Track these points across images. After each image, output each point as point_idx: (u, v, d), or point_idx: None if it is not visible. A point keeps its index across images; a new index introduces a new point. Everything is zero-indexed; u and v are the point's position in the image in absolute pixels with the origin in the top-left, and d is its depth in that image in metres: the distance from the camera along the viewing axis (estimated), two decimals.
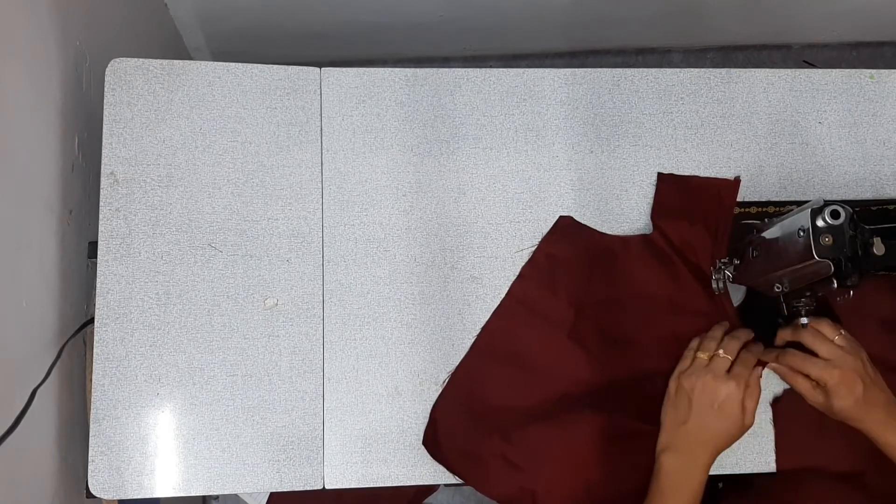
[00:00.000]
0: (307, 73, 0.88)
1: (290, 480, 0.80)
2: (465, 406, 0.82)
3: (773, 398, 0.85)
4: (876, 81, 0.93)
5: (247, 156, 0.85)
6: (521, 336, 0.84)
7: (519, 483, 0.80)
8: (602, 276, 0.85)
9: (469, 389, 0.82)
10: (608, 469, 0.80)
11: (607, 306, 0.85)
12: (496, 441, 0.80)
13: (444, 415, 0.82)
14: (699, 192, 0.87)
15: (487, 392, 0.82)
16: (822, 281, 0.72)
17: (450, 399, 0.82)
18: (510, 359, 0.83)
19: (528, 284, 0.85)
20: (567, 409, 0.82)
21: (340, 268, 0.84)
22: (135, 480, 0.78)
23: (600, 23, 1.56)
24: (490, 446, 0.80)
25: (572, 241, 0.86)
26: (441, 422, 0.81)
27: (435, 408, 0.82)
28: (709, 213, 0.86)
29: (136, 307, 0.81)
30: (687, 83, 0.92)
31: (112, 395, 0.79)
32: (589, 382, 0.83)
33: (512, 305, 0.84)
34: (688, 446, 0.76)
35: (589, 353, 0.83)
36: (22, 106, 0.77)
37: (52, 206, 0.84)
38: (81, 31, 0.92)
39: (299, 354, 0.82)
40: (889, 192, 0.91)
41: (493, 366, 0.83)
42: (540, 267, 0.85)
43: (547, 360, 0.83)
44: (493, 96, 0.89)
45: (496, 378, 0.83)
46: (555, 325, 0.84)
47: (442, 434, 0.81)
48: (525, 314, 0.84)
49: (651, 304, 0.85)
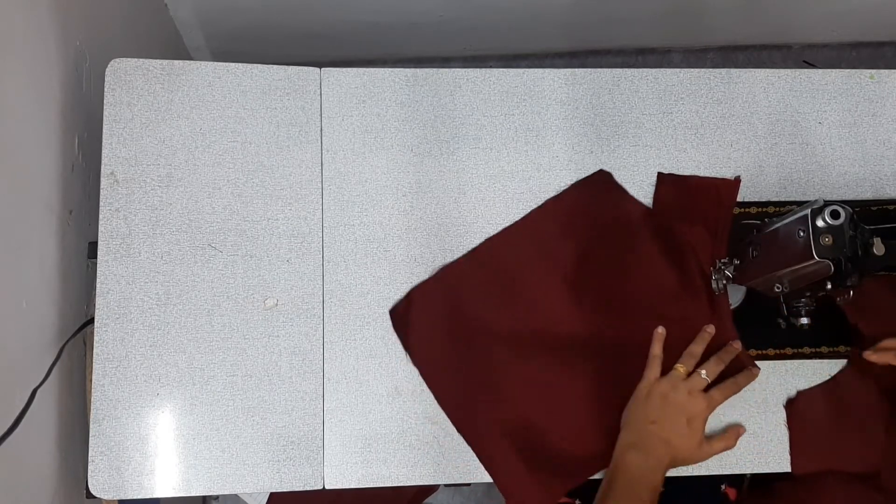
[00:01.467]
0: (307, 73, 0.88)
1: (290, 480, 0.80)
2: (443, 302, 0.83)
3: (786, 400, 0.85)
4: (876, 81, 0.93)
5: (247, 156, 0.85)
6: (519, 262, 0.84)
7: (467, 396, 0.81)
8: (617, 238, 0.86)
9: (453, 289, 0.83)
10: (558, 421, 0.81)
11: (611, 268, 0.85)
12: (460, 349, 0.82)
13: (422, 299, 0.83)
14: (699, 192, 0.87)
15: (468, 299, 0.83)
16: (822, 281, 0.72)
17: (432, 288, 0.83)
18: (500, 277, 0.84)
19: (545, 219, 0.86)
20: (534, 348, 0.82)
21: (340, 268, 0.84)
22: (135, 480, 0.78)
23: (600, 23, 1.56)
24: (452, 353, 0.82)
25: (602, 196, 0.87)
26: (416, 304, 0.83)
27: (416, 288, 0.83)
28: (708, 213, 0.86)
29: (136, 307, 0.81)
30: (687, 83, 0.92)
31: (112, 395, 0.79)
32: (566, 332, 0.83)
33: (523, 231, 0.85)
34: (653, 446, 0.77)
35: (577, 304, 0.84)
36: (22, 106, 0.77)
37: (52, 207, 0.84)
38: (81, 31, 0.92)
39: (299, 354, 0.82)
40: (889, 192, 0.91)
41: (482, 277, 0.84)
42: (562, 207, 0.86)
43: (534, 294, 0.84)
44: (493, 96, 0.89)
45: (481, 290, 0.84)
46: (554, 265, 0.85)
47: (413, 317, 0.82)
48: (531, 243, 0.85)
49: (652, 283, 0.85)
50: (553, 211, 0.86)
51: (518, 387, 0.82)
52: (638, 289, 0.85)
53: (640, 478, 0.76)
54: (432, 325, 0.82)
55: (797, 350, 0.85)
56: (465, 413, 0.81)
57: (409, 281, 0.84)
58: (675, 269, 0.85)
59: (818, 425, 0.83)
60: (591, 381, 0.82)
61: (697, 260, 0.85)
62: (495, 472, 0.81)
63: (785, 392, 0.85)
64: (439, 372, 0.82)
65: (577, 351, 0.83)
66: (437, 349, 0.82)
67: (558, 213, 0.86)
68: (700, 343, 0.82)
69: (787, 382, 0.85)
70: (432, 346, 0.82)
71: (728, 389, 0.80)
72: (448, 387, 0.82)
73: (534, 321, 0.83)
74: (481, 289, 0.84)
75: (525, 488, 0.80)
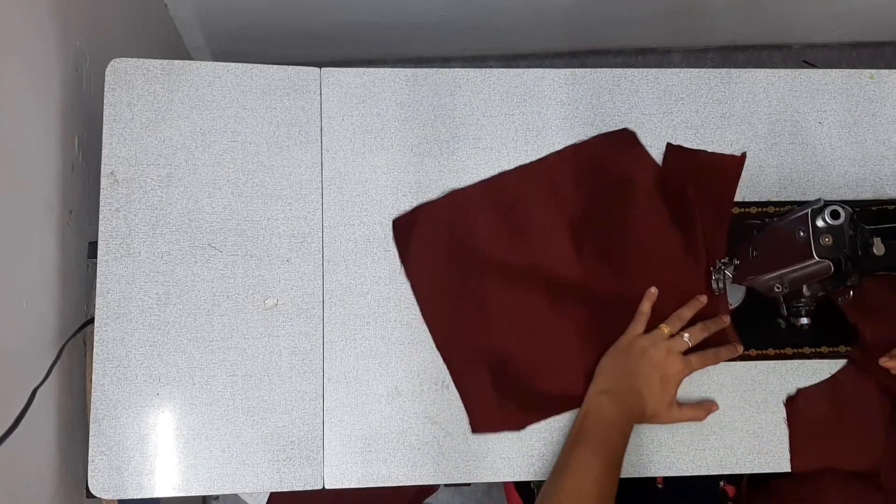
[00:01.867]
0: (307, 73, 0.88)
1: (290, 480, 0.80)
2: (447, 224, 0.84)
3: (786, 397, 0.85)
4: (876, 81, 0.93)
5: (247, 156, 0.85)
6: (529, 201, 0.86)
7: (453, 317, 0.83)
8: (628, 195, 0.87)
9: (459, 213, 0.85)
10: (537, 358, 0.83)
11: (617, 223, 0.86)
12: (455, 272, 0.83)
13: (427, 217, 0.84)
14: (705, 167, 0.88)
15: (472, 227, 0.85)
16: (822, 281, 0.72)
17: (439, 209, 0.85)
18: (507, 211, 0.85)
19: (563, 164, 0.87)
20: (528, 286, 0.84)
21: (340, 268, 0.84)
22: (135, 480, 0.78)
23: (600, 23, 1.56)
24: (446, 274, 0.83)
25: (622, 153, 0.88)
26: (420, 221, 0.84)
27: (422, 206, 0.85)
28: (713, 187, 0.87)
29: (136, 307, 0.81)
30: (687, 83, 0.92)
31: (112, 395, 0.79)
32: (561, 275, 0.84)
33: (537, 171, 0.86)
34: (626, 396, 0.78)
35: (577, 251, 0.85)
36: (22, 106, 0.77)
37: (52, 206, 0.84)
38: (81, 31, 0.92)
39: (299, 354, 0.82)
40: (889, 192, 0.91)
41: (490, 208, 0.85)
42: (581, 157, 0.87)
43: (537, 234, 0.85)
44: (493, 96, 0.89)
45: (487, 220, 0.85)
46: (562, 210, 0.86)
47: (416, 232, 0.84)
48: (543, 185, 0.86)
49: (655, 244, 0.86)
50: (572, 159, 0.87)
51: (505, 319, 0.83)
52: (640, 247, 0.86)
53: (610, 421, 0.77)
54: (432, 243, 0.84)
55: (797, 350, 0.85)
56: (447, 332, 0.83)
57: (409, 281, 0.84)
58: (680, 234, 0.86)
59: (818, 423, 0.83)
60: (576, 326, 0.83)
61: (703, 229, 0.85)
62: (464, 391, 0.82)
63: (785, 392, 0.85)
64: (430, 289, 0.83)
65: (568, 295, 0.84)
66: (433, 267, 0.84)
67: (576, 162, 0.87)
68: (690, 308, 0.83)
69: (787, 382, 0.85)
70: (429, 263, 0.84)
71: (708, 358, 0.80)
72: (436, 305, 0.83)
73: (532, 260, 0.85)
74: (487, 219, 0.85)
75: (489, 412, 0.81)
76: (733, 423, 0.84)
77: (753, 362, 0.85)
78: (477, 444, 0.82)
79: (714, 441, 0.84)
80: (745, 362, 0.85)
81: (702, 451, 0.83)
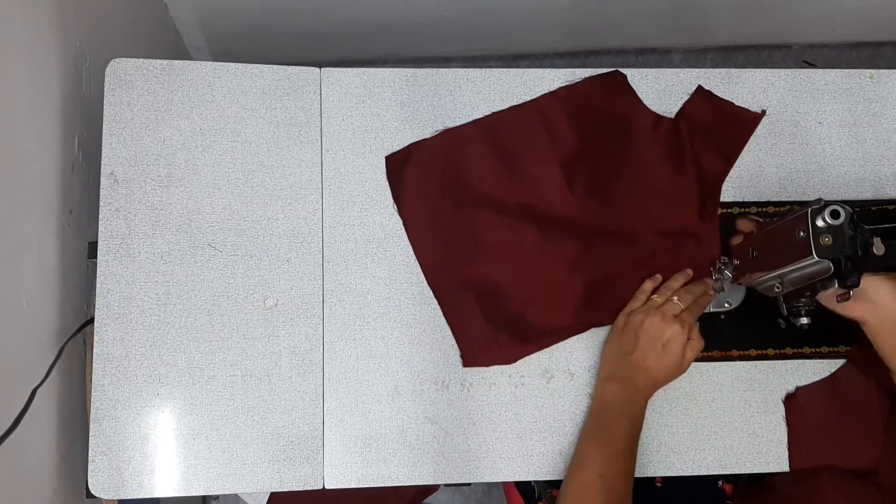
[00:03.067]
0: (307, 73, 0.88)
1: (290, 480, 0.80)
2: (440, 161, 0.85)
3: (785, 395, 0.85)
4: (876, 81, 0.93)
5: (247, 156, 0.85)
6: (521, 139, 0.87)
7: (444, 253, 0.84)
8: (620, 135, 0.88)
9: (452, 151, 0.86)
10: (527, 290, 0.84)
11: (608, 162, 0.87)
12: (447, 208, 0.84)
13: (420, 154, 0.85)
14: (726, 114, 0.90)
15: (465, 164, 0.86)
16: (822, 281, 0.72)
17: (433, 146, 0.86)
18: (500, 149, 0.86)
19: (555, 103, 0.88)
20: (519, 220, 0.85)
21: (340, 268, 0.84)
22: (135, 480, 0.78)
23: (600, 23, 1.56)
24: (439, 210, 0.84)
25: (614, 95, 0.89)
26: (414, 158, 0.85)
27: (416, 143, 0.86)
28: (727, 136, 0.89)
29: (136, 307, 0.81)
30: (687, 83, 0.92)
31: (112, 395, 0.79)
32: (552, 211, 0.86)
33: (531, 110, 0.87)
34: (630, 376, 0.79)
35: (569, 187, 0.86)
36: (22, 106, 0.77)
37: (52, 206, 0.84)
38: (81, 31, 0.92)
39: (299, 354, 0.82)
40: (889, 192, 0.91)
41: (482, 146, 0.86)
42: (574, 96, 0.88)
43: (529, 171, 0.86)
44: (493, 96, 0.89)
45: (479, 157, 0.86)
46: (555, 148, 0.87)
47: (409, 169, 0.85)
48: (536, 124, 0.87)
49: (646, 185, 0.87)
50: (565, 98, 0.88)
51: (497, 253, 0.84)
52: (630, 187, 0.87)
53: (618, 408, 0.78)
54: (425, 179, 0.85)
55: (797, 350, 0.86)
56: (438, 268, 0.84)
57: (409, 281, 0.84)
58: (673, 177, 0.87)
59: (817, 421, 0.83)
60: (567, 259, 0.84)
61: (701, 174, 0.87)
62: (455, 324, 0.83)
63: (785, 392, 0.85)
64: (422, 224, 0.84)
65: (560, 230, 0.85)
66: (426, 202, 0.85)
67: (570, 100, 0.88)
68: (678, 279, 0.84)
69: (787, 382, 0.85)
70: (421, 198, 0.85)
71: (694, 309, 0.81)
72: (428, 241, 0.84)
73: (524, 196, 0.86)
74: (480, 156, 0.86)
75: (481, 344, 0.83)
76: (733, 423, 0.84)
77: (753, 362, 0.85)
78: (477, 444, 0.82)
79: (714, 441, 0.84)
80: (745, 362, 0.85)
81: (702, 451, 0.83)
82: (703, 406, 0.84)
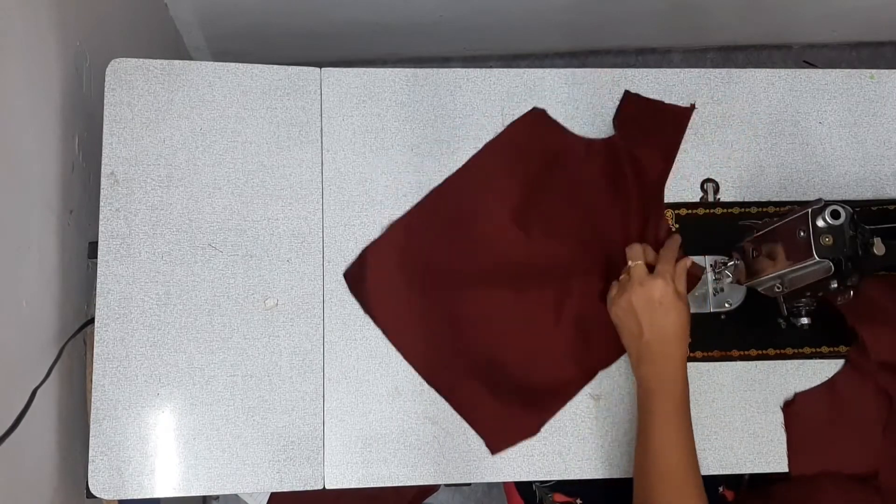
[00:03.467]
0: (307, 73, 0.88)
1: (290, 480, 0.80)
2: (397, 256, 0.84)
3: (783, 401, 0.85)
4: (876, 81, 0.93)
5: (247, 156, 0.85)
6: (467, 205, 0.86)
7: (430, 344, 0.82)
8: (557, 168, 0.87)
9: (405, 242, 0.84)
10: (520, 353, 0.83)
11: (554, 197, 0.87)
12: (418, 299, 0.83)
13: (376, 257, 0.84)
14: (658, 114, 0.89)
15: (421, 249, 0.84)
16: (823, 281, 0.72)
17: (385, 244, 0.84)
18: (449, 222, 0.85)
19: (487, 159, 0.87)
20: (489, 285, 0.84)
21: (340, 268, 0.84)
22: (135, 480, 0.78)
23: (600, 23, 1.56)
24: (411, 304, 0.83)
25: (539, 132, 0.88)
26: (371, 263, 0.83)
27: (368, 247, 0.84)
28: (663, 135, 0.89)
29: (136, 307, 0.81)
30: (687, 83, 0.92)
31: (112, 395, 0.79)
32: (517, 262, 0.85)
33: (466, 175, 0.86)
34: (655, 350, 0.77)
35: (526, 235, 0.85)
36: (22, 106, 0.77)
37: (53, 206, 0.84)
38: (81, 31, 0.92)
39: (299, 354, 0.82)
40: (889, 192, 0.91)
41: (432, 226, 0.85)
42: (501, 146, 0.87)
43: (483, 232, 0.85)
44: (493, 96, 0.89)
45: (432, 237, 0.85)
46: (501, 202, 0.86)
47: (370, 275, 0.83)
48: (476, 185, 0.86)
49: (596, 208, 0.87)
50: (493, 151, 0.87)
51: (478, 325, 0.83)
52: (581, 215, 0.87)
53: (660, 381, 0.76)
54: (389, 280, 0.83)
55: (797, 350, 0.85)
56: (431, 363, 0.82)
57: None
58: (617, 193, 0.87)
59: (816, 426, 0.83)
60: (548, 310, 0.84)
61: (642, 181, 0.87)
62: (469, 415, 0.82)
63: (785, 392, 0.85)
64: (402, 326, 0.83)
65: (532, 282, 0.84)
66: (396, 303, 0.83)
67: (498, 152, 0.87)
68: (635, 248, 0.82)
69: (787, 382, 0.85)
70: (391, 301, 0.83)
71: (666, 256, 0.80)
72: (412, 339, 0.83)
73: (486, 259, 0.85)
74: (433, 236, 0.85)
75: (501, 426, 0.81)
76: (733, 423, 0.84)
77: (753, 362, 0.85)
78: (477, 443, 0.82)
79: (714, 441, 0.84)
80: (745, 362, 0.85)
81: (702, 451, 0.83)
82: (703, 406, 0.84)
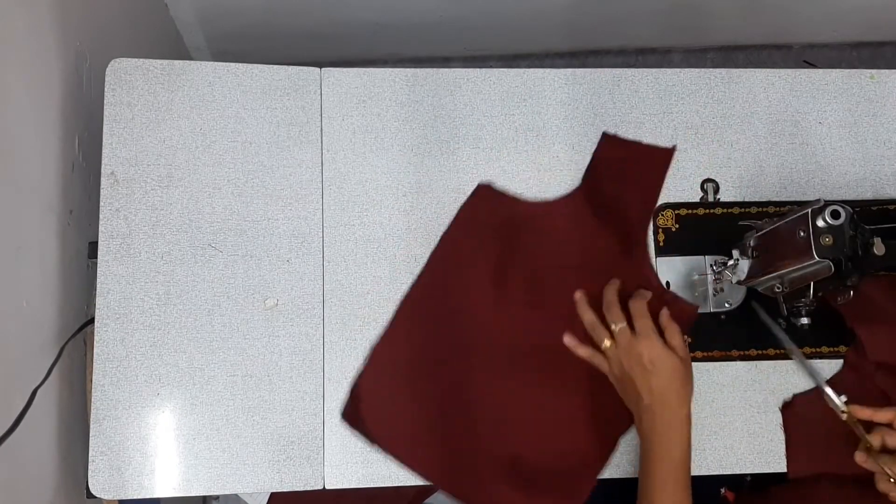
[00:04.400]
0: (307, 73, 0.88)
1: (290, 480, 0.80)
2: (385, 381, 0.81)
3: (782, 403, 0.85)
4: (876, 81, 0.93)
5: (247, 156, 0.85)
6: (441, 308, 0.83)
7: (445, 457, 0.80)
8: (526, 238, 0.85)
9: (389, 364, 0.82)
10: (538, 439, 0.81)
11: (536, 268, 0.85)
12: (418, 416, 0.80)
13: (366, 387, 0.81)
14: (636, 156, 0.88)
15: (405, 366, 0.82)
16: (823, 281, 0.72)
17: (371, 373, 0.82)
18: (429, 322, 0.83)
19: (447, 254, 0.84)
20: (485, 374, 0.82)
21: (340, 268, 0.84)
22: (135, 480, 0.78)
23: (600, 23, 1.56)
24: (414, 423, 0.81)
25: (489, 207, 0.86)
26: (364, 396, 0.81)
27: (357, 381, 0.82)
28: (641, 177, 0.87)
29: (136, 307, 0.81)
30: (687, 83, 0.92)
31: (112, 395, 0.79)
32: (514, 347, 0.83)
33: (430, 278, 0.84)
34: (656, 413, 0.76)
35: (512, 318, 0.83)
36: (22, 106, 0.77)
37: (53, 206, 0.84)
38: (81, 32, 0.92)
39: (299, 354, 0.82)
40: (889, 192, 0.91)
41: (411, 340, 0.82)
42: (465, 232, 0.85)
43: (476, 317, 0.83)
44: (493, 96, 0.89)
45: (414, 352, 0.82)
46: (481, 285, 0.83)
47: (364, 408, 0.80)
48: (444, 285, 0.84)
49: (573, 270, 0.85)
50: (452, 242, 0.85)
51: (491, 417, 0.81)
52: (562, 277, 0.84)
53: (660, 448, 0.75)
54: (385, 407, 0.81)
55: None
56: (452, 475, 0.80)
57: (409, 281, 0.84)
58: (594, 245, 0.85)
59: (814, 428, 0.83)
60: (548, 384, 0.82)
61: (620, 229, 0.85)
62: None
63: (785, 392, 0.85)
64: (412, 448, 0.80)
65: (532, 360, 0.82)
66: (401, 427, 0.81)
67: (459, 243, 0.85)
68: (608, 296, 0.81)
69: (788, 382, 0.85)
70: (395, 426, 0.81)
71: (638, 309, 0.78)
72: (426, 458, 0.80)
73: (481, 345, 0.82)
74: (414, 351, 0.82)
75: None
76: (733, 423, 0.84)
77: (753, 362, 0.85)
78: None
79: (714, 441, 0.84)
80: (745, 362, 0.85)
81: (702, 451, 0.83)
82: (703, 406, 0.84)
